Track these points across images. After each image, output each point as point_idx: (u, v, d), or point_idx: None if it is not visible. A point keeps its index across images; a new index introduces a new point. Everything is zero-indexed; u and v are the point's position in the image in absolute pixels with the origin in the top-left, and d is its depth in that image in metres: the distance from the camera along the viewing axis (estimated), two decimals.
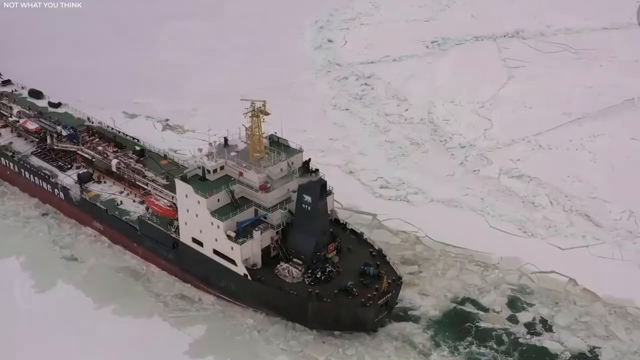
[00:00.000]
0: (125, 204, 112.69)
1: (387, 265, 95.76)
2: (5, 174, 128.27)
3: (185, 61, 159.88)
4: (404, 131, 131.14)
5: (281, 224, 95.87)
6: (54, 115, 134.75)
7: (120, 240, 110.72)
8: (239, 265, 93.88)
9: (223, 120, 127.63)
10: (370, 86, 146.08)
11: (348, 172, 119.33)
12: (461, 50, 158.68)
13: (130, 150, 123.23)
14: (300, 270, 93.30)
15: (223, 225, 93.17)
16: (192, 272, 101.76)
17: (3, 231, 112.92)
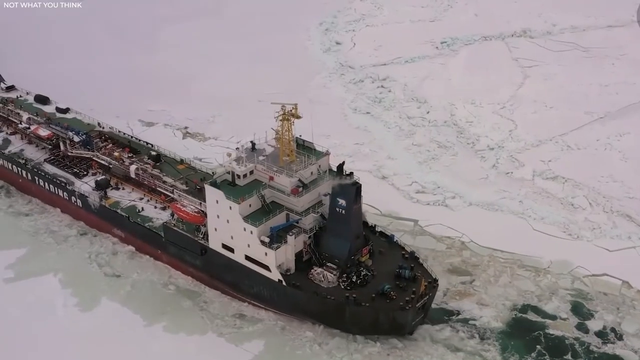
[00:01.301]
0: (146, 210, 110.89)
1: (420, 267, 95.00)
2: (17, 182, 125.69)
3: (193, 65, 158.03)
4: (429, 134, 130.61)
5: (314, 228, 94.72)
6: (62, 121, 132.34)
7: (142, 248, 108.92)
8: (273, 271, 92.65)
9: (242, 126, 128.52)
10: (387, 88, 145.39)
11: (380, 177, 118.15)
12: (471, 50, 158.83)
13: (145, 155, 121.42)
14: (335, 274, 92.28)
15: (256, 230, 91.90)
16: (221, 279, 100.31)
17: (36, 248, 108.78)
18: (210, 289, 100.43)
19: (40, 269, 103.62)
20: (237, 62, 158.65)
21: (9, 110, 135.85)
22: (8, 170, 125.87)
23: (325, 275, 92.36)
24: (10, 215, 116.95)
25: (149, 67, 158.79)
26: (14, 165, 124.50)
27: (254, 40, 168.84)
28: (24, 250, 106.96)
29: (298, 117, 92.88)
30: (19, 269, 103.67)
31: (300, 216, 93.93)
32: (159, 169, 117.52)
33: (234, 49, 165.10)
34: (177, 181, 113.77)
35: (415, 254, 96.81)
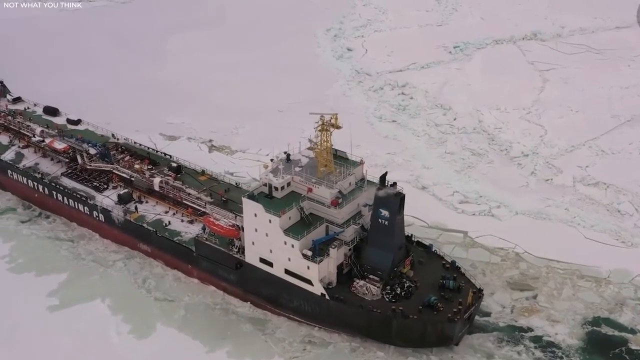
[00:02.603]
0: (173, 224, 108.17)
1: (463, 277, 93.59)
2: (33, 197, 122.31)
3: (205, 75, 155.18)
4: (461, 142, 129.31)
5: (354, 240, 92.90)
6: (75, 133, 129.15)
7: (171, 262, 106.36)
8: (315, 285, 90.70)
9: (267, 137, 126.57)
10: (409, 95, 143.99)
11: (420, 188, 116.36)
12: (485, 54, 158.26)
13: (165, 167, 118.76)
14: (378, 287, 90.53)
15: (298, 244, 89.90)
16: (258, 293, 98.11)
17: (77, 272, 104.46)
18: (274, 314, 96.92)
19: (85, 295, 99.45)
20: (249, 71, 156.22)
21: (19, 122, 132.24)
22: (22, 184, 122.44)
23: (369, 287, 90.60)
24: (45, 239, 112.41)
25: (159, 78, 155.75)
26: (29, 180, 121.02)
27: (262, 48, 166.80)
28: (65, 275, 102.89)
29: (338, 127, 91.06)
30: (62, 296, 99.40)
31: (341, 228, 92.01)
32: (181, 180, 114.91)
33: (244, 57, 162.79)
34: (201, 193, 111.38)
35: (456, 264, 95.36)
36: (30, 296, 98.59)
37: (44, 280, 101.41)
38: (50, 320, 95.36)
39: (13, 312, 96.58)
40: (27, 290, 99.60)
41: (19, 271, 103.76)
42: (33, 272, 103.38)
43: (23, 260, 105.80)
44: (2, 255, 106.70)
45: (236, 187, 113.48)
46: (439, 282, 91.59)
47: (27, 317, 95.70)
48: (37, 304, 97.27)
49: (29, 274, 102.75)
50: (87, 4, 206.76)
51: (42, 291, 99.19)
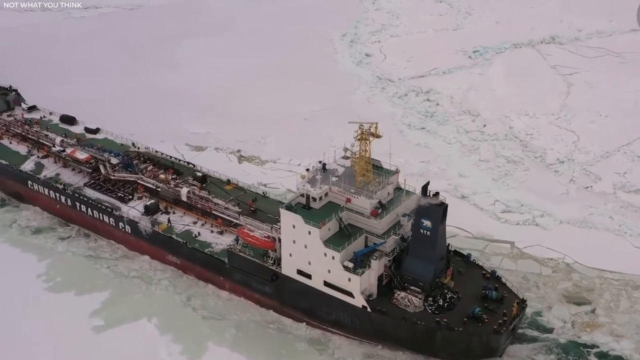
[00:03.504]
0: (203, 235, 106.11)
1: (504, 287, 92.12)
2: (54, 208, 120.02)
3: (223, 83, 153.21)
4: (494, 149, 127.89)
5: (394, 251, 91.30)
6: (94, 142, 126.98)
7: (202, 275, 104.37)
8: (356, 297, 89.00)
9: (296, 147, 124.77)
10: (434, 102, 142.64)
11: (460, 197, 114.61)
12: (505, 59, 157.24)
13: (189, 176, 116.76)
14: (420, 298, 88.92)
15: (339, 256, 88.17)
16: (295, 306, 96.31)
17: (119, 290, 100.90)
18: (334, 333, 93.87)
19: (130, 314, 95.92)
20: (267, 78, 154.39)
21: (37, 132, 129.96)
22: (43, 195, 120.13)
23: (411, 299, 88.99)
24: (81, 256, 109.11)
25: (175, 85, 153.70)
26: (50, 191, 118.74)
27: (277, 54, 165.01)
28: (106, 294, 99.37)
29: (378, 136, 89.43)
30: (107, 315, 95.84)
31: (381, 239, 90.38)
32: (207, 190, 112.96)
33: (259, 64, 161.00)
34: (229, 203, 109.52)
35: (496, 274, 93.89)
36: (73, 316, 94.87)
37: (85, 300, 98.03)
38: (96, 342, 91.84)
39: (56, 334, 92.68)
40: (69, 310, 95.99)
41: (57, 290, 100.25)
42: (73, 291, 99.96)
43: (61, 278, 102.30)
44: (39, 274, 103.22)
45: (263, 196, 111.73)
46: (481, 293, 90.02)
47: (71, 339, 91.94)
48: (80, 324, 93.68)
49: (68, 293, 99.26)
50: (93, 11, 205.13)
51: (85, 311, 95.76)
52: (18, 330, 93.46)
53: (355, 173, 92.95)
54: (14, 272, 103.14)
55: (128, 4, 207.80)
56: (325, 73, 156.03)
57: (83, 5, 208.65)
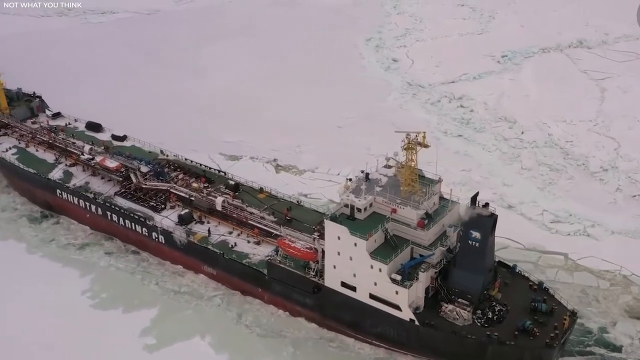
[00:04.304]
0: (239, 245, 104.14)
1: (552, 299, 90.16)
2: (84, 218, 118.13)
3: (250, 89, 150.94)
4: (535, 157, 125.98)
5: (441, 262, 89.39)
6: (121, 150, 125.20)
7: (239, 286, 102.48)
8: (404, 310, 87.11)
9: (333, 155, 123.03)
10: (468, 108, 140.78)
11: (506, 207, 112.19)
12: (534, 63, 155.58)
13: (221, 185, 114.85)
14: (469, 311, 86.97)
15: (386, 268, 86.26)
16: (338, 318, 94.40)
17: (168, 307, 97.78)
18: (394, 351, 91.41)
19: (182, 332, 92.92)
20: (294, 84, 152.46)
21: (64, 139, 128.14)
22: (73, 205, 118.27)
23: (459, 312, 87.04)
24: (124, 271, 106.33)
25: (199, 92, 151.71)
26: (80, 200, 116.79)
27: (302, 60, 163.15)
28: (155, 311, 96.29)
29: (426, 146, 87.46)
30: (158, 333, 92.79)
31: (428, 250, 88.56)
32: (240, 199, 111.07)
33: (285, 70, 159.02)
34: (263, 212, 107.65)
35: (543, 285, 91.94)
36: (123, 334, 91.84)
37: (133, 317, 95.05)
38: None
39: (107, 353, 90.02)
40: (118, 328, 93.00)
41: (104, 307, 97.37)
42: (120, 307, 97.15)
43: (107, 295, 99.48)
44: (83, 290, 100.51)
45: (298, 205, 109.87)
46: (529, 305, 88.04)
47: (124, 359, 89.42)
48: (132, 343, 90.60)
49: (115, 310, 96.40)
50: (110, 16, 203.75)
51: (135, 329, 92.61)
52: (68, 350, 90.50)
53: (400, 183, 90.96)
54: (58, 288, 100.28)
55: (145, 8, 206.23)
56: (353, 79, 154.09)
57: (99, 10, 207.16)
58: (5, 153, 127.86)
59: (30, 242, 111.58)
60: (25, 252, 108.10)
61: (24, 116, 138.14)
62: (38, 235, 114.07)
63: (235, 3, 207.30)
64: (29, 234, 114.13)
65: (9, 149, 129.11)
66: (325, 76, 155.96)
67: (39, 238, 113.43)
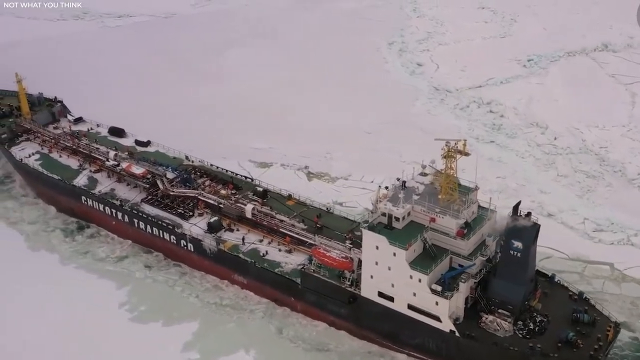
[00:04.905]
0: (270, 253, 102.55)
1: (594, 309, 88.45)
2: (110, 225, 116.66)
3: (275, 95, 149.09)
4: (570, 163, 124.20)
5: (481, 272, 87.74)
6: (146, 156, 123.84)
7: (272, 295, 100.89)
8: (444, 321, 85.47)
9: (364, 162, 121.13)
10: (498, 113, 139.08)
11: (546, 216, 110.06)
12: (561, 67, 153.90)
13: (249, 191, 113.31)
14: (509, 322, 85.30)
15: (427, 278, 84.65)
16: (374, 329, 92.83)
17: (209, 319, 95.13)
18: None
19: (226, 346, 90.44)
20: (318, 89, 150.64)
21: (88, 145, 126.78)
22: (98, 211, 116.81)
23: (500, 323, 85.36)
24: (161, 283, 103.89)
25: (222, 97, 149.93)
26: (106, 207, 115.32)
27: (325, 64, 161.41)
28: (196, 324, 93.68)
29: (467, 154, 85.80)
30: (201, 348, 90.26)
31: (467, 260, 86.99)
32: (268, 206, 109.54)
33: (308, 75, 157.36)
34: (293, 219, 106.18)
35: (584, 295, 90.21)
36: (166, 349, 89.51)
37: (175, 330, 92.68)
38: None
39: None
40: (160, 342, 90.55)
41: (143, 320, 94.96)
42: (160, 321, 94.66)
43: (145, 307, 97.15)
44: (121, 303, 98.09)
45: (327, 212, 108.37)
46: (571, 316, 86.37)
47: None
48: (175, 358, 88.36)
49: (156, 324, 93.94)
50: (127, 19, 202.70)
51: (177, 343, 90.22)
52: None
53: (438, 191, 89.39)
54: (94, 301, 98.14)
55: (162, 12, 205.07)
56: (378, 83, 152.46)
57: (116, 14, 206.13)
58: (29, 159, 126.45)
59: (64, 253, 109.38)
60: (58, 263, 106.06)
61: (45, 121, 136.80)
62: (72, 247, 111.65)
63: (251, 7, 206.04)
64: (62, 246, 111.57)
65: (32, 155, 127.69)
66: (349, 81, 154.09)
67: (73, 250, 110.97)
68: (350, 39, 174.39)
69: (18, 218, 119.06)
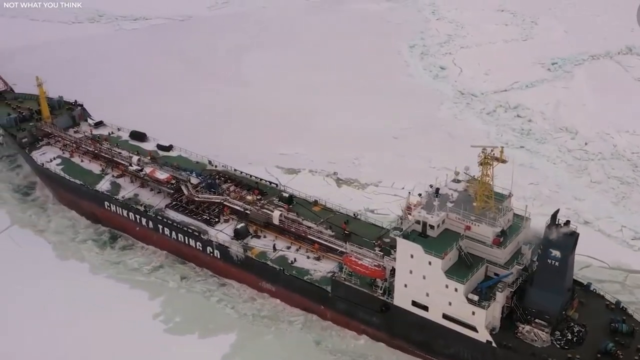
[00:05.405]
0: (299, 261, 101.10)
1: (631, 318, 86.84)
2: (133, 230, 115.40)
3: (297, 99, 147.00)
4: (603, 169, 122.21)
5: (517, 281, 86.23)
6: (169, 160, 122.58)
7: (301, 303, 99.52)
8: (480, 332, 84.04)
9: (393, 168, 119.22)
10: (526, 118, 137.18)
11: (583, 223, 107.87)
12: (586, 71, 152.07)
13: (274, 197, 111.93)
14: (547, 332, 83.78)
15: (463, 288, 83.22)
16: (407, 338, 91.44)
17: (246, 331, 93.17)
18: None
19: (265, 359, 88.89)
20: (341, 93, 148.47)
21: (110, 149, 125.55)
22: (121, 217, 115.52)
23: (537, 333, 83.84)
24: (196, 293, 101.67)
25: (244, 101, 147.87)
26: (130, 212, 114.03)
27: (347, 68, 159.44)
28: (234, 336, 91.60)
29: (504, 161, 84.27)
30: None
31: (504, 269, 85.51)
32: (295, 212, 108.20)
33: (330, 78, 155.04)
34: (320, 225, 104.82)
35: (621, 304, 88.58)
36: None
37: (212, 342, 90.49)
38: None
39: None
40: (197, 355, 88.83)
41: (180, 332, 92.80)
42: (196, 332, 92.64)
43: (180, 318, 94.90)
44: (155, 314, 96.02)
45: (354, 218, 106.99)
46: (609, 326, 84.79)
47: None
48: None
49: (192, 336, 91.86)
50: (143, 22, 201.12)
51: (215, 355, 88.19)
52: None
53: (472, 198, 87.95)
54: (128, 310, 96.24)
55: (178, 14, 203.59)
56: (402, 87, 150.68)
57: (132, 16, 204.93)
58: (50, 163, 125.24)
59: (94, 262, 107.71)
60: (88, 272, 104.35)
61: (65, 125, 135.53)
62: (103, 257, 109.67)
63: (268, 9, 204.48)
64: (93, 256, 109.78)
65: (53, 159, 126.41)
66: (372, 85, 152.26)
67: (104, 259, 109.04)
68: (370, 41, 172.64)
69: (45, 226, 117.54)
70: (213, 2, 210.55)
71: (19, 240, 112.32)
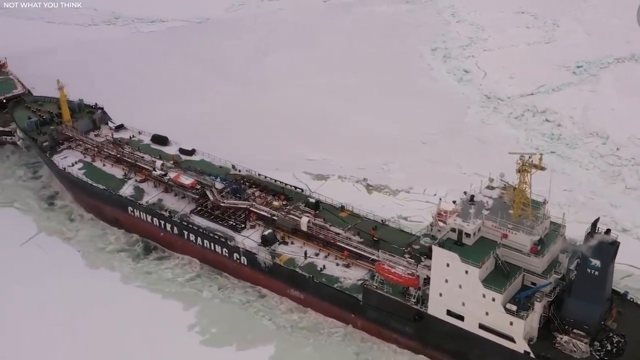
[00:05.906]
0: (328, 268, 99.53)
1: None
2: (157, 236, 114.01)
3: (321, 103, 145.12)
4: (637, 174, 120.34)
5: (555, 291, 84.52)
6: (192, 165, 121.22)
7: (329, 311, 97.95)
8: (518, 342, 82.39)
9: (423, 174, 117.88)
10: (555, 122, 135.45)
11: (621, 231, 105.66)
12: (612, 74, 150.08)
13: (300, 202, 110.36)
14: (586, 342, 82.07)
15: (501, 297, 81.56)
16: (441, 348, 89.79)
17: (284, 343, 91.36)
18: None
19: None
20: (365, 97, 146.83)
21: (133, 154, 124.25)
22: (145, 222, 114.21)
23: (576, 344, 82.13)
24: (232, 303, 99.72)
25: (267, 105, 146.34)
26: (154, 218, 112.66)
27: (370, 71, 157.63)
28: (272, 348, 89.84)
29: (542, 168, 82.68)
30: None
31: (542, 278, 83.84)
32: (321, 217, 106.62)
33: (354, 81, 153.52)
34: (347, 232, 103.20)
35: None
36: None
37: (250, 355, 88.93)
38: None
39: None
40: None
41: (216, 344, 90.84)
42: (233, 344, 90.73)
43: (216, 330, 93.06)
44: (190, 325, 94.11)
45: (382, 224, 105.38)
46: None
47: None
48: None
49: (229, 348, 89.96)
50: (160, 25, 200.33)
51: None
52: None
53: (508, 206, 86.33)
54: (162, 321, 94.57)
55: (195, 16, 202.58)
56: (426, 91, 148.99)
57: (148, 19, 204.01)
58: (72, 167, 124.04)
59: (124, 271, 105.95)
60: (119, 281, 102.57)
61: (86, 128, 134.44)
62: (135, 267, 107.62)
63: (285, 11, 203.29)
64: (125, 265, 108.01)
65: (75, 163, 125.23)
66: (396, 88, 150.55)
67: (136, 269, 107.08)
68: (392, 44, 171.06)
69: (73, 234, 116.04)
70: (230, 4, 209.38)
71: (47, 248, 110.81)
